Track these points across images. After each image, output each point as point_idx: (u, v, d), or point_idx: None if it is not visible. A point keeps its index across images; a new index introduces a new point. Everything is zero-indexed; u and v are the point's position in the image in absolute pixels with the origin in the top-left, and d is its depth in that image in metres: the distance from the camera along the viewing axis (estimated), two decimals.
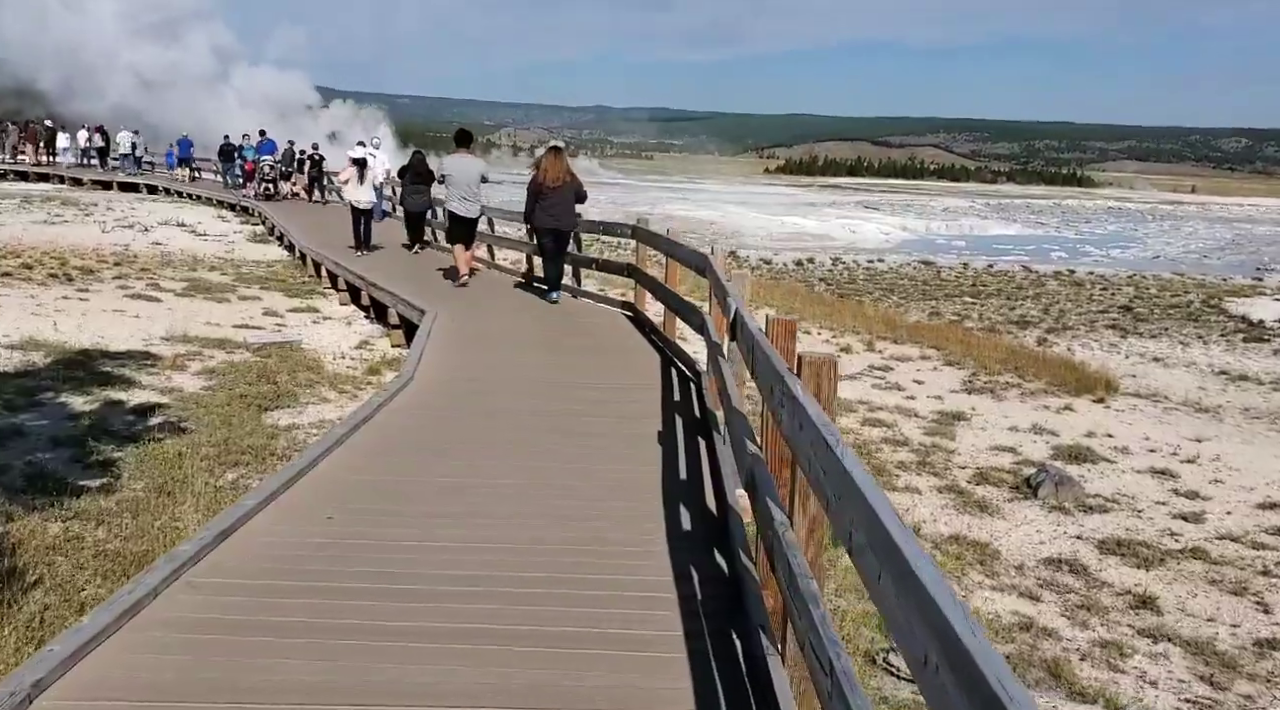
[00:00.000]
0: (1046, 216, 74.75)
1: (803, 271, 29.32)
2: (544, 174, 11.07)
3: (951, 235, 51.23)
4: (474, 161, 12.85)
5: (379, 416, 6.42)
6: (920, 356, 15.43)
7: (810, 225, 47.82)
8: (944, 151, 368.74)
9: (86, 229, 24.97)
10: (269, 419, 8.39)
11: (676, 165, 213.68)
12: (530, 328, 10.43)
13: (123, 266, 18.37)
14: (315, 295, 16.40)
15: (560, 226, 11.30)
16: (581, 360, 8.73)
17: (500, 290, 13.48)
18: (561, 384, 7.66)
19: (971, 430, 11.39)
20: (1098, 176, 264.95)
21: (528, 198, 11.26)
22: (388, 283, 13.16)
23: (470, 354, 8.82)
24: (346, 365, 10.87)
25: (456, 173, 12.47)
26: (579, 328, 10.49)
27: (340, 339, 12.72)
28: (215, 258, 21.44)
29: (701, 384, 7.58)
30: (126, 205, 32.31)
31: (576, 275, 13.24)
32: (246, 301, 15.24)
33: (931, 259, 34.24)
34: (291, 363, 10.46)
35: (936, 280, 28.14)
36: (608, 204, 65.60)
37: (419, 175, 16.83)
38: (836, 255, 34.35)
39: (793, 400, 2.80)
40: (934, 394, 13.06)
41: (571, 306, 12.25)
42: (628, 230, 11.48)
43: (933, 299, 23.84)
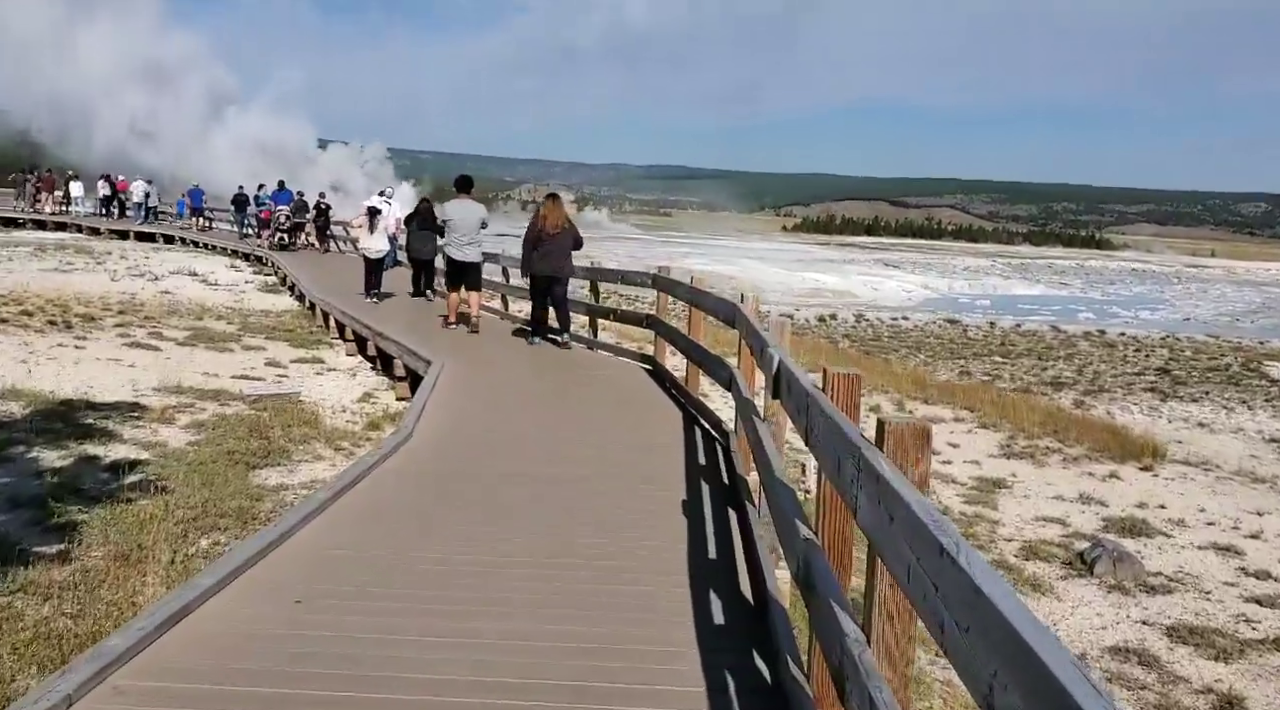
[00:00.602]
0: (1070, 277, 73.98)
1: (826, 328, 28.62)
2: (543, 221, 11.03)
3: (975, 294, 50.49)
4: (474, 207, 12.76)
5: (369, 479, 5.73)
6: (954, 418, 14.69)
7: (831, 281, 47.18)
8: (961, 212, 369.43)
9: (96, 277, 24.60)
10: (257, 478, 7.71)
11: (694, 222, 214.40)
12: (542, 381, 9.76)
13: (126, 314, 17.87)
14: (322, 345, 15.82)
15: (558, 274, 11.26)
16: (597, 417, 8.04)
17: (511, 341, 12.85)
18: (575, 444, 6.96)
19: (1014, 499, 10.63)
20: (1116, 239, 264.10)
21: (524, 247, 11.24)
22: (394, 332, 12.56)
23: (477, 409, 8.14)
24: (346, 420, 10.20)
25: (457, 218, 12.45)
26: (595, 381, 9.82)
27: (343, 391, 12.07)
28: (223, 307, 20.96)
29: (730, 445, 6.87)
30: (140, 254, 32.12)
31: (593, 326, 12.60)
32: (250, 351, 14.66)
33: (957, 317, 33.52)
34: (287, 416, 9.80)
35: (963, 339, 27.38)
36: (626, 258, 65.36)
37: (426, 223, 16.44)
38: (859, 312, 33.66)
39: (877, 481, 2.11)
40: (971, 459, 12.31)
41: (587, 358, 11.60)
42: (648, 279, 10.87)
43: (961, 358, 23.08)
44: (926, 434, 2.28)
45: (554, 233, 11.04)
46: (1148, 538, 9.45)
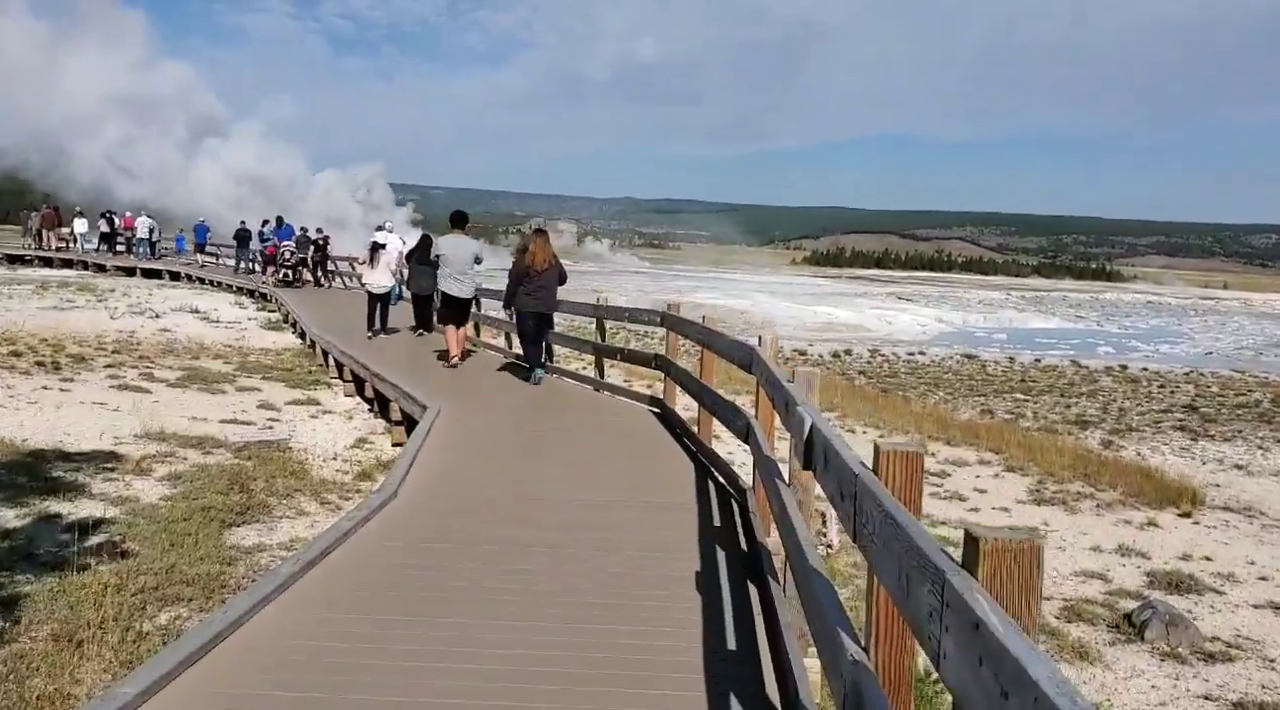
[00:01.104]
0: (1085, 310, 73.06)
1: (840, 364, 27.91)
2: (532, 257, 10.91)
3: (990, 328, 49.66)
4: (468, 242, 12.76)
5: (344, 549, 5.10)
6: (979, 461, 14.03)
7: (844, 316, 46.43)
8: (971, 245, 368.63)
9: (95, 315, 24.15)
10: (232, 538, 7.08)
11: (703, 255, 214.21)
12: (544, 426, 9.14)
13: (121, 354, 17.36)
14: (319, 386, 15.25)
15: (544, 310, 11.20)
16: (602, 469, 7.40)
17: (512, 381, 12.25)
18: (576, 503, 6.32)
19: (1049, 551, 9.93)
20: (1126, 271, 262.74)
21: (510, 281, 11.14)
22: (392, 373, 11.97)
23: (473, 461, 7.52)
24: (336, 469, 9.58)
25: (450, 253, 12.44)
26: (600, 427, 9.19)
27: (336, 436, 11.47)
28: (222, 345, 20.45)
29: (747, 503, 6.23)
30: (144, 291, 31.78)
31: (599, 366, 12.00)
32: (243, 393, 14.09)
33: (974, 352, 32.75)
34: (273, 466, 9.19)
35: (983, 375, 26.66)
36: (635, 292, 64.80)
37: (427, 257, 15.89)
38: (874, 347, 32.90)
39: (976, 631, 1.48)
40: (999, 505, 11.65)
41: (593, 401, 10.98)
42: (656, 317, 10.26)
43: (981, 395, 22.37)
44: (1036, 553, 1.65)
45: (543, 269, 10.94)
46: (1197, 595, 8.75)
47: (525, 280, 10.96)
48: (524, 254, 11.08)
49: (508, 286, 11.29)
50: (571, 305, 13.08)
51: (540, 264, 10.93)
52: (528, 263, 10.95)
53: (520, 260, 11.09)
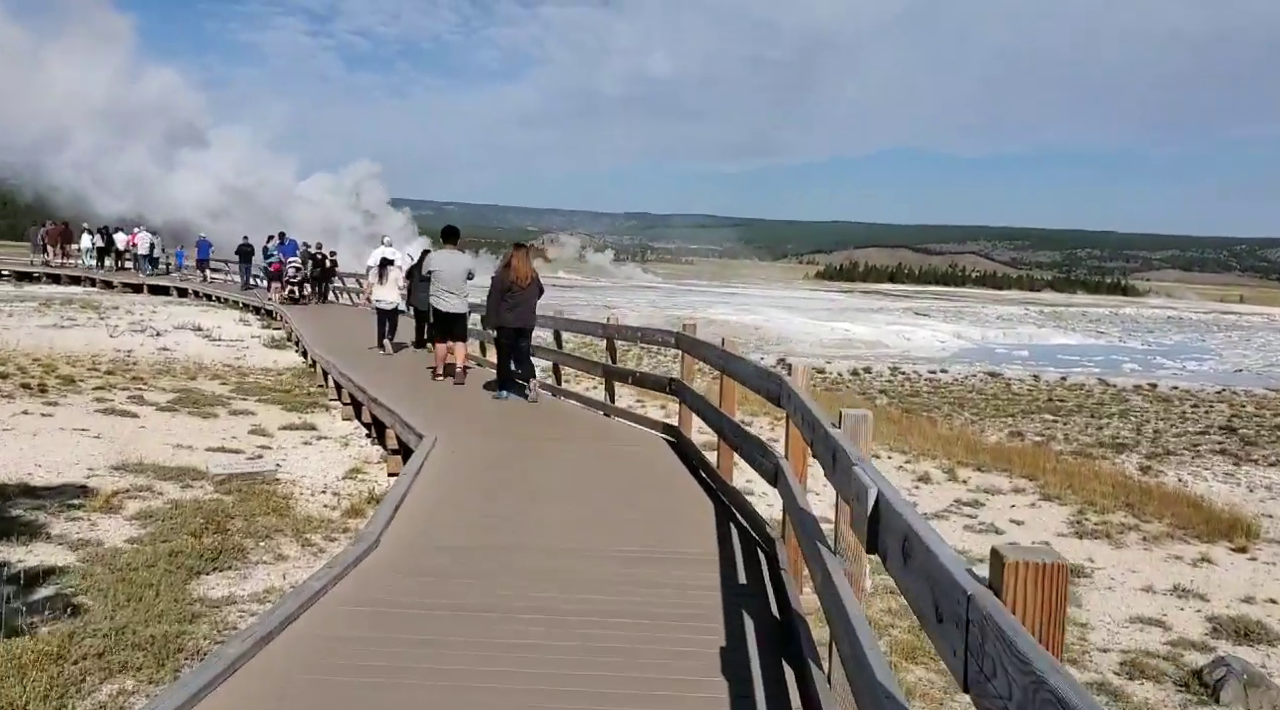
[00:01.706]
0: (1105, 325, 71.86)
1: (860, 382, 27.05)
2: (515, 273, 10.94)
3: (1011, 344, 48.60)
4: (461, 257, 12.83)
5: (310, 616, 4.35)
6: (1013, 488, 13.22)
7: (861, 332, 45.46)
8: (985, 259, 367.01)
9: (94, 333, 23.60)
10: (200, 588, 6.35)
11: (716, 270, 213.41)
12: (549, 459, 8.38)
13: (114, 375, 16.71)
14: (317, 409, 14.54)
15: (526, 325, 11.22)
16: (609, 511, 6.63)
17: (516, 405, 11.52)
18: (581, 554, 5.56)
19: (1098, 592, 9.14)
20: (1141, 285, 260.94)
21: (491, 298, 11.12)
22: (390, 395, 11.31)
23: (469, 500, 6.77)
24: (324, 504, 8.84)
25: (443, 269, 12.42)
26: (609, 458, 8.43)
27: (328, 466, 10.74)
28: (221, 365, 19.82)
29: (776, 556, 5.46)
30: (148, 309, 31.37)
31: (610, 390, 11.25)
32: (236, 417, 13.39)
33: (997, 370, 31.80)
34: (255, 502, 8.46)
35: (1008, 394, 25.77)
36: (647, 307, 64.04)
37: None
38: (894, 364, 31.97)
39: None
40: (1039, 539, 10.84)
41: (602, 428, 10.23)
42: (670, 338, 9.53)
43: (1008, 415, 21.50)
44: None
45: (525, 285, 10.96)
46: (1269, 646, 7.93)
47: (508, 296, 10.93)
48: (506, 269, 11.05)
49: (489, 303, 11.24)
50: (580, 324, 12.39)
51: (522, 279, 10.92)
52: (511, 278, 10.93)
53: (503, 276, 11.02)
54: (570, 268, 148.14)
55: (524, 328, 11.22)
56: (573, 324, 12.79)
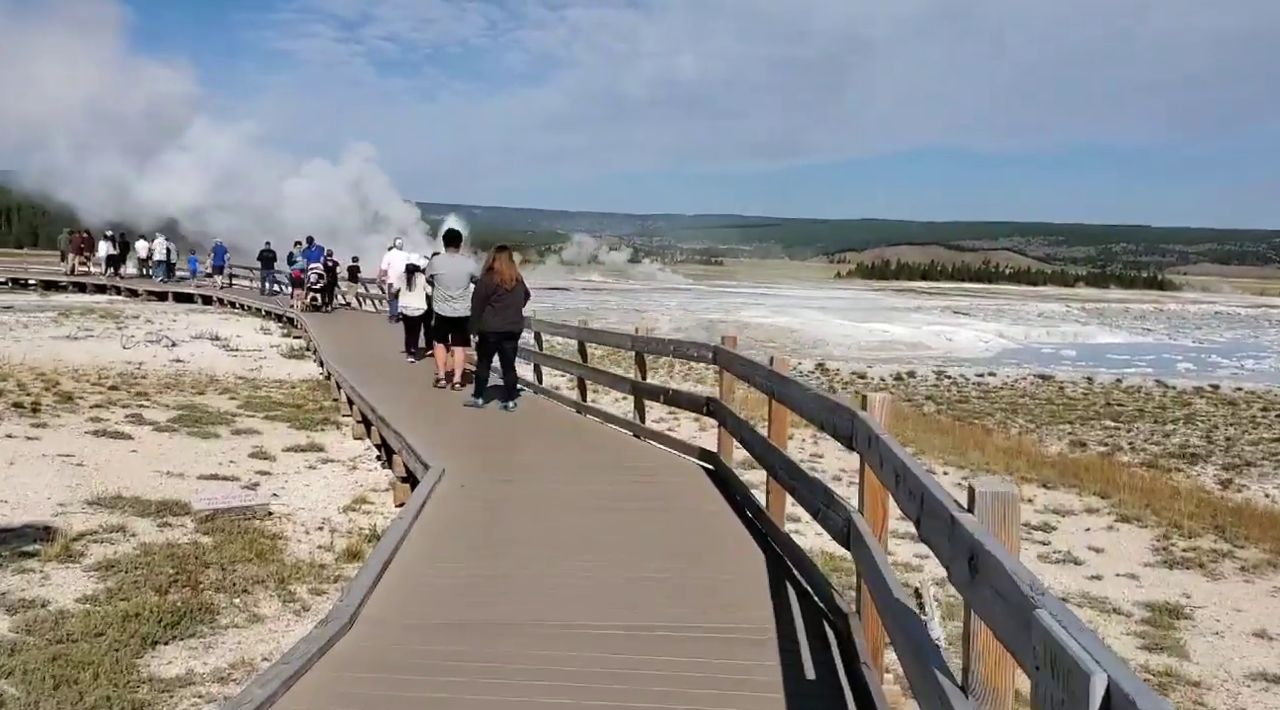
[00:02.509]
0: (1151, 322, 69.66)
1: (905, 388, 25.71)
2: (499, 276, 10.70)
3: (1057, 343, 46.85)
4: (464, 261, 12.62)
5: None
6: (1085, 508, 12.01)
7: (900, 333, 43.93)
8: (1018, 255, 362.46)
9: (107, 345, 22.84)
10: (153, 663, 5.32)
11: (747, 271, 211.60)
12: (570, 494, 7.30)
13: (119, 390, 15.84)
14: (327, 426, 13.58)
15: (513, 329, 11.02)
16: (642, 567, 5.52)
17: (536, 425, 10.47)
18: (600, 634, 4.44)
19: (1203, 638, 7.93)
20: (1178, 279, 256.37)
21: (475, 302, 10.92)
22: (399, 415, 10.34)
23: (472, 557, 5.69)
24: (318, 545, 7.81)
25: (444, 273, 12.30)
26: (638, 496, 7.33)
27: (331, 495, 9.73)
28: (235, 377, 18.94)
29: (851, 637, 4.34)
30: (169, 318, 30.80)
31: (640, 409, 10.16)
32: (239, 437, 12.45)
33: (1047, 372, 30.29)
34: (238, 544, 7.45)
35: (1062, 398, 24.36)
36: (678, 310, 62.85)
37: None
38: (939, 368, 30.51)
39: None
40: (1124, 570, 9.65)
41: (631, 453, 9.14)
42: (708, 352, 8.43)
43: (1066, 422, 20.17)
44: None
45: (510, 288, 10.72)
46: None
47: (493, 299, 10.71)
48: (489, 273, 10.77)
49: (473, 307, 11.00)
50: (606, 335, 11.38)
51: (507, 282, 10.70)
52: (496, 282, 10.70)
53: (487, 279, 10.79)
54: (598, 270, 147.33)
55: (509, 332, 10.96)
56: (597, 335, 11.72)
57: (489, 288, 10.73)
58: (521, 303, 10.93)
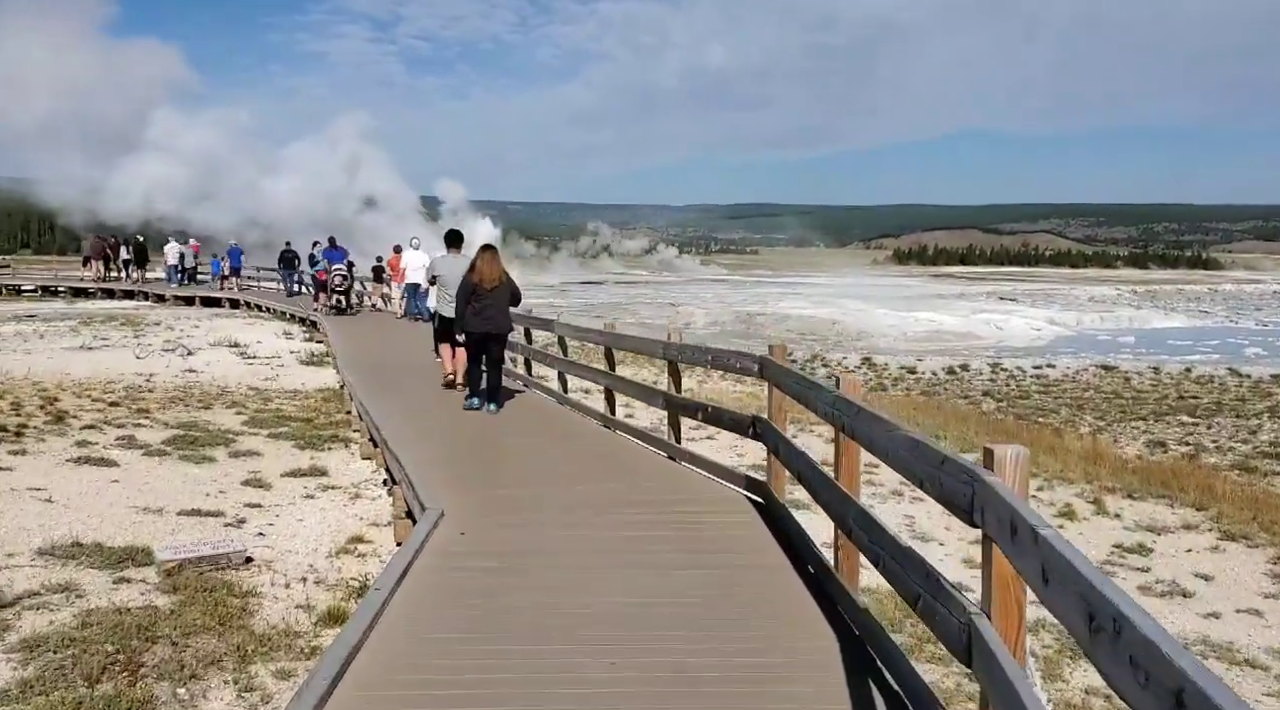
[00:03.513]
0: (1208, 304, 67.03)
1: (959, 383, 24.13)
2: (479, 275, 10.49)
3: (1112, 329, 44.79)
4: (465, 262, 11.92)
5: None
6: (1181, 524, 10.62)
7: (949, 322, 42.10)
8: (1058, 237, 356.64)
9: (120, 355, 21.97)
10: None
11: (782, 260, 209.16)
12: (591, 540, 6.04)
13: (119, 407, 14.83)
14: (335, 444, 12.47)
15: (496, 330, 10.79)
16: (674, 652, 4.27)
17: (559, 447, 9.23)
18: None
19: None
20: (1222, 258, 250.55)
21: (458, 302, 10.80)
22: (407, 435, 9.23)
23: (466, 643, 4.45)
24: (297, 603, 6.61)
25: (447, 274, 12.13)
26: (679, 544, 6.04)
27: (326, 532, 8.55)
28: (248, 388, 17.91)
29: None
30: (191, 323, 30.10)
31: (675, 427, 8.88)
32: (236, 460, 11.35)
33: (1110, 362, 28.51)
34: (200, 606, 6.27)
35: (1129, 391, 22.70)
36: (714, 302, 61.40)
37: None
38: (993, 360, 28.76)
39: None
40: (1243, 604, 8.29)
41: (665, 482, 7.86)
42: (752, 364, 7.14)
43: (1138, 418, 18.61)
44: None
45: (491, 287, 10.53)
46: None
47: (474, 299, 10.55)
48: (470, 272, 10.58)
49: (456, 307, 10.88)
50: (634, 341, 10.12)
51: (488, 282, 10.50)
52: (474, 282, 10.51)
53: (468, 279, 10.58)
54: (632, 263, 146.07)
55: (492, 333, 10.73)
56: (625, 340, 10.44)
57: (469, 288, 10.54)
58: (505, 303, 10.67)
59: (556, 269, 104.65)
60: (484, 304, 10.61)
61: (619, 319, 47.64)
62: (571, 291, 77.87)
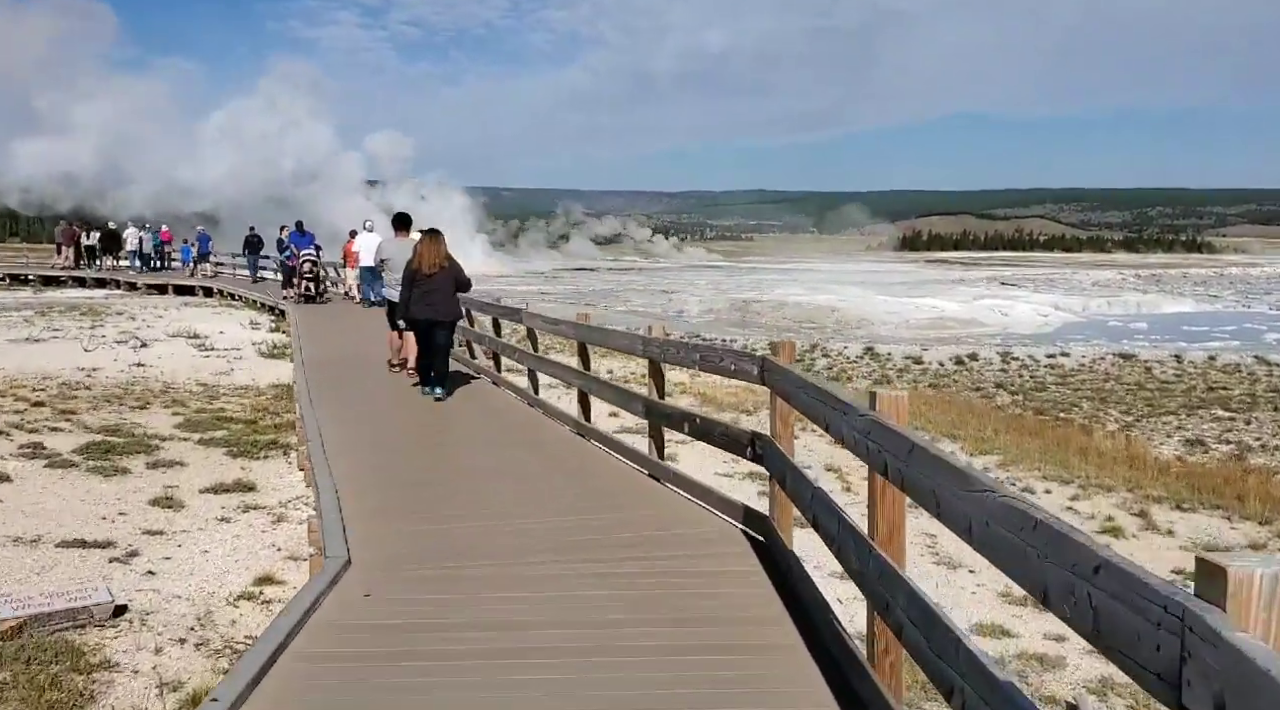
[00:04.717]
0: (1215, 288, 65.50)
1: (969, 374, 22.60)
2: (419, 260, 10.35)
3: (1122, 315, 43.23)
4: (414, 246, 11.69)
5: None
6: (1248, 542, 9.19)
7: (951, 308, 40.48)
8: (1052, 222, 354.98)
9: (67, 349, 20.46)
10: None
11: (777, 245, 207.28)
12: (553, 613, 4.52)
13: (44, 407, 13.32)
14: (274, 451, 10.97)
15: (439, 317, 10.60)
16: None
17: (523, 461, 7.71)
18: None
19: None
20: (1218, 242, 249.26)
21: (402, 287, 10.62)
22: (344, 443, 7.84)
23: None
24: (164, 678, 5.11)
25: (394, 257, 11.83)
26: (651, 608, 4.54)
27: (230, 569, 7.03)
28: (197, 384, 16.42)
29: None
30: (155, 313, 28.71)
31: (657, 439, 7.35)
32: (154, 472, 9.84)
33: (1127, 350, 26.95)
34: (23, 691, 4.76)
35: (1153, 382, 21.21)
36: (708, 289, 59.80)
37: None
38: (1002, 348, 27.19)
39: None
40: None
41: (649, 509, 6.34)
42: (751, 366, 5.63)
43: (1167, 413, 17.14)
44: None
45: (430, 273, 10.35)
46: None
47: (415, 285, 10.36)
48: (413, 257, 10.44)
49: (400, 293, 10.70)
50: (610, 336, 8.57)
51: (429, 267, 10.31)
52: (414, 266, 10.34)
53: (411, 264, 10.41)
54: (627, 249, 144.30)
55: (434, 320, 10.53)
56: (595, 334, 8.83)
57: (409, 273, 10.38)
58: (449, 289, 10.46)
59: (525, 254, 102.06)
60: (425, 289, 10.38)
61: (609, 307, 46.01)
62: (563, 278, 76.30)
